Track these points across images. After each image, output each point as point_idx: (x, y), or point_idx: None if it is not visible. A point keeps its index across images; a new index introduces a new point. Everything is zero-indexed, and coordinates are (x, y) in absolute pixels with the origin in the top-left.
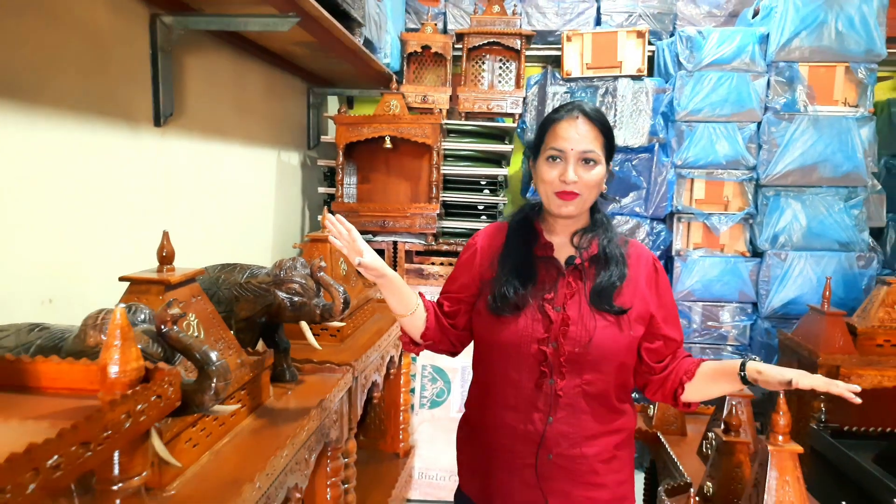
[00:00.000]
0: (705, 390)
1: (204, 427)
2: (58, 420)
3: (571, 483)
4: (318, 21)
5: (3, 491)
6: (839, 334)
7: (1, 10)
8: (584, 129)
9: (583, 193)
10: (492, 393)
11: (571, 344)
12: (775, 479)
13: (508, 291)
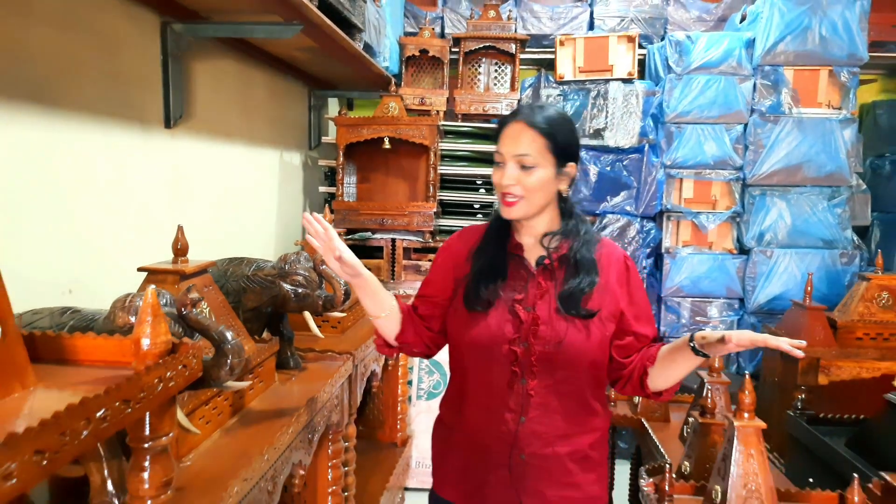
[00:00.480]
0: (668, 372)
1: (216, 406)
2: (96, 386)
3: (545, 483)
4: (320, 28)
5: (64, 434)
6: (820, 328)
7: (23, 19)
8: (521, 134)
9: (526, 196)
10: (466, 393)
11: (542, 344)
12: (741, 453)
13: (480, 287)
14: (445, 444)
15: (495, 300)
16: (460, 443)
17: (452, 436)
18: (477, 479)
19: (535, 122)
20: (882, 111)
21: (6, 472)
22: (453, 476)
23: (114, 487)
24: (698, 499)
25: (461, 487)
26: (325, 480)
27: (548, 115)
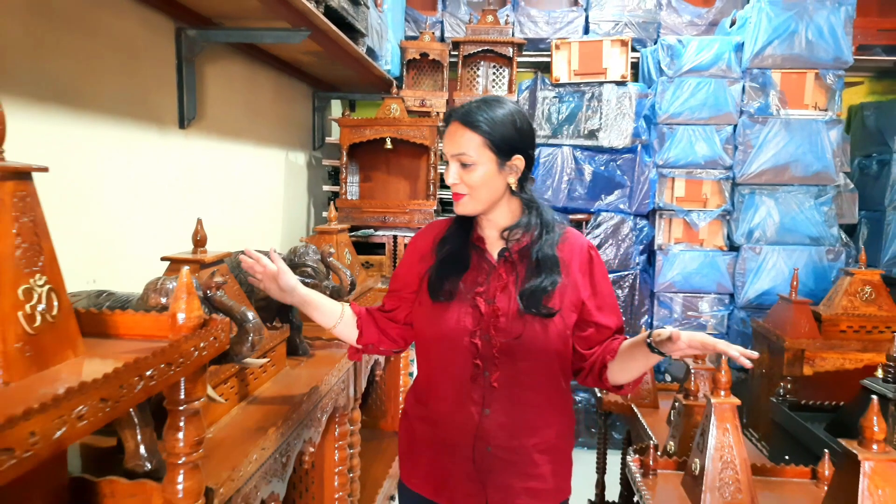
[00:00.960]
0: (627, 367)
1: (233, 385)
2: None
3: (510, 474)
4: (326, 34)
5: (122, 387)
6: (805, 321)
7: (49, 26)
8: (456, 134)
9: (470, 193)
10: (431, 386)
11: (503, 336)
12: (717, 427)
13: (442, 277)
14: (411, 437)
15: (456, 292)
16: (426, 435)
17: (418, 428)
18: (443, 471)
19: (469, 120)
20: (869, 112)
21: (79, 414)
22: (420, 468)
23: (146, 451)
24: (680, 473)
25: (428, 479)
26: (332, 461)
27: (484, 112)
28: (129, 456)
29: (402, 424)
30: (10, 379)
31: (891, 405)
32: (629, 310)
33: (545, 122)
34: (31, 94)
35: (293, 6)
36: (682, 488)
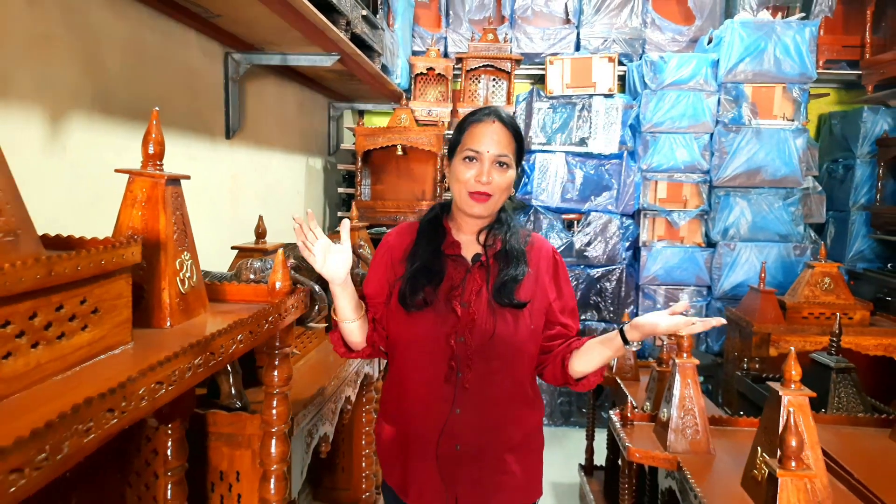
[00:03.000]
0: (591, 357)
1: (296, 346)
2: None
3: (480, 471)
4: (351, 56)
5: (237, 341)
6: (771, 308)
7: (138, 59)
8: (499, 134)
9: (494, 195)
10: (405, 388)
11: (477, 337)
12: (680, 382)
13: (417, 287)
14: (384, 436)
15: (432, 300)
16: (398, 436)
17: (391, 429)
18: (412, 469)
19: (512, 124)
20: (836, 121)
21: (226, 349)
22: (395, 468)
23: (236, 393)
24: (652, 424)
25: (401, 478)
26: (360, 422)
27: (513, 118)
28: (224, 396)
29: (378, 425)
30: (174, 323)
31: (833, 373)
32: (616, 301)
33: (540, 131)
34: (126, 114)
35: (327, 36)
36: (654, 434)
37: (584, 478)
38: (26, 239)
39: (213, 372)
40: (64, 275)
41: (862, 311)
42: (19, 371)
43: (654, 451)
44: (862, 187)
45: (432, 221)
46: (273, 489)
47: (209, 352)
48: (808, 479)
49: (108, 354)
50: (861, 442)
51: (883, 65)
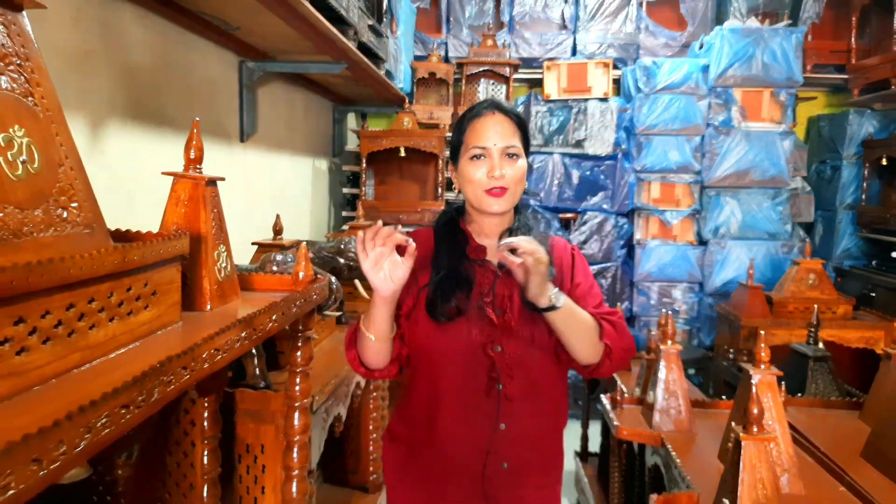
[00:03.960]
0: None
1: None
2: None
3: (524, 487)
4: (358, 64)
5: (272, 320)
6: (758, 303)
7: (165, 72)
8: (503, 125)
9: (510, 188)
10: (438, 407)
11: (515, 345)
12: (665, 367)
13: (447, 297)
14: (405, 462)
15: (464, 308)
16: (427, 458)
17: (417, 454)
18: (447, 494)
19: (514, 112)
20: (824, 124)
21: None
22: (417, 493)
23: (260, 373)
24: (639, 407)
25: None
26: (368, 408)
27: (513, 106)
28: (249, 377)
29: (391, 451)
30: (213, 307)
31: (810, 361)
32: (612, 297)
33: (538, 133)
34: (155, 120)
35: (337, 45)
36: (641, 416)
37: (579, 463)
38: (99, 232)
39: (254, 345)
40: (133, 262)
41: (845, 305)
42: (101, 340)
43: (641, 429)
44: (848, 187)
45: (448, 225)
46: (296, 458)
47: (252, 327)
48: (768, 441)
49: (163, 331)
50: (831, 422)
51: (868, 69)
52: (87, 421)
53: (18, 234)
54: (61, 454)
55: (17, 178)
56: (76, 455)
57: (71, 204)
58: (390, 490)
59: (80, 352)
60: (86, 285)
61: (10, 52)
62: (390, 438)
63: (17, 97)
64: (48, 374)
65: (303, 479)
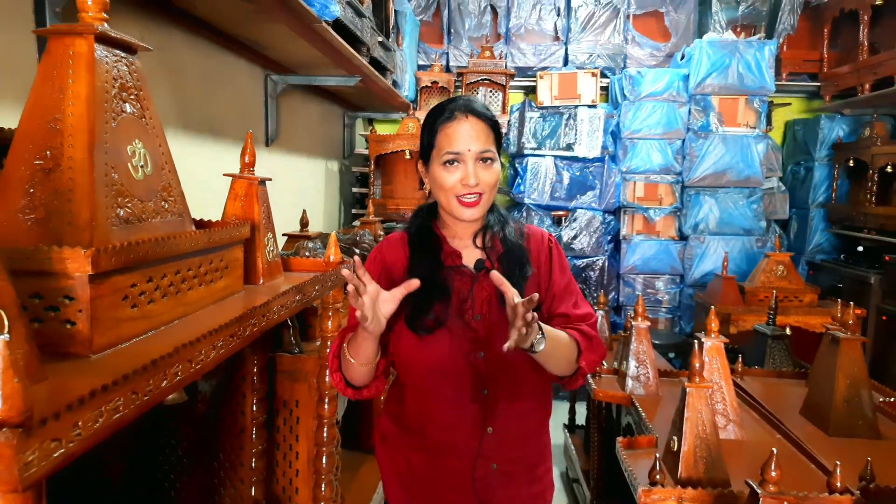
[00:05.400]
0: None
1: None
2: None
3: (515, 486)
4: (369, 77)
5: (316, 289)
6: (732, 292)
7: (208, 86)
8: (476, 129)
9: (485, 193)
10: (424, 415)
11: (497, 350)
12: (635, 340)
13: (426, 308)
14: (401, 467)
15: (444, 318)
16: (420, 464)
17: (410, 458)
18: (447, 498)
19: (485, 115)
20: (799, 128)
21: (300, 298)
22: (416, 498)
23: (294, 341)
24: (615, 377)
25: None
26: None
27: (485, 106)
28: (286, 344)
29: (385, 454)
30: (265, 281)
31: (769, 339)
32: (599, 288)
33: (532, 137)
34: (198, 128)
35: (353, 62)
36: (616, 383)
37: (567, 434)
38: (186, 219)
39: (303, 307)
40: (215, 242)
41: (811, 294)
42: (194, 299)
43: (614, 391)
44: (820, 187)
45: (421, 230)
46: (327, 408)
47: (303, 293)
48: (708, 388)
49: (231, 297)
50: (780, 388)
51: (838, 77)
52: (213, 340)
53: (140, 219)
54: (200, 359)
55: (138, 179)
56: (202, 367)
57: (169, 198)
58: (387, 488)
59: (182, 307)
60: (187, 257)
61: (131, 85)
62: (381, 439)
63: (136, 118)
64: (166, 319)
65: (332, 426)
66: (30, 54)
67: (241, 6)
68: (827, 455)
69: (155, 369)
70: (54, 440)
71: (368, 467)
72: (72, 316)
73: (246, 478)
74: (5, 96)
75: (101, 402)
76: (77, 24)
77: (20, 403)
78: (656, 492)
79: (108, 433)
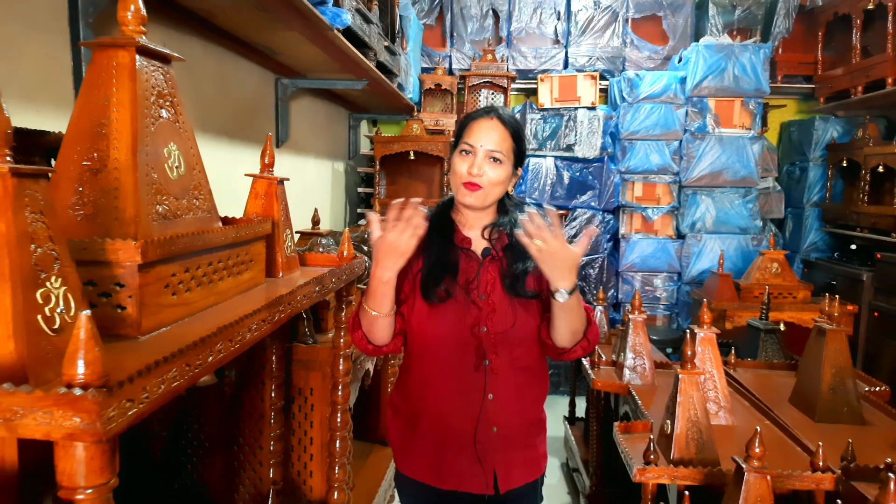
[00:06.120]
0: (555, 324)
1: None
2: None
3: (512, 450)
4: (376, 80)
5: (332, 281)
6: (727, 289)
7: (224, 90)
8: (496, 131)
9: (485, 187)
10: (429, 382)
11: (499, 326)
12: (632, 333)
13: (438, 280)
14: (408, 431)
15: (453, 291)
16: (425, 428)
17: (417, 424)
18: (447, 459)
19: (511, 123)
20: (794, 129)
21: (320, 289)
22: (422, 460)
23: (308, 332)
24: (613, 367)
25: (431, 469)
26: (387, 373)
27: (517, 122)
28: (301, 335)
29: (395, 421)
30: (284, 275)
31: (761, 333)
32: (599, 286)
33: (533, 139)
34: (215, 130)
35: (361, 67)
36: (614, 374)
37: (567, 426)
38: (214, 216)
39: (321, 298)
40: (242, 237)
41: (804, 291)
42: (223, 289)
43: (612, 381)
44: (814, 187)
45: (439, 215)
46: (340, 395)
47: (322, 284)
48: (699, 374)
49: (255, 288)
50: (771, 379)
51: (832, 79)
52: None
53: (175, 215)
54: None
55: (173, 178)
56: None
57: (199, 196)
58: (397, 455)
59: (214, 296)
60: (218, 250)
61: (167, 92)
62: (393, 410)
63: (171, 123)
64: (200, 307)
65: (345, 412)
66: (65, 63)
67: (258, 15)
68: (813, 439)
69: (203, 346)
70: (129, 401)
71: (376, 457)
72: (122, 301)
73: (265, 460)
74: (46, 102)
75: (162, 371)
76: (119, 38)
77: (100, 369)
78: (650, 470)
79: (168, 398)
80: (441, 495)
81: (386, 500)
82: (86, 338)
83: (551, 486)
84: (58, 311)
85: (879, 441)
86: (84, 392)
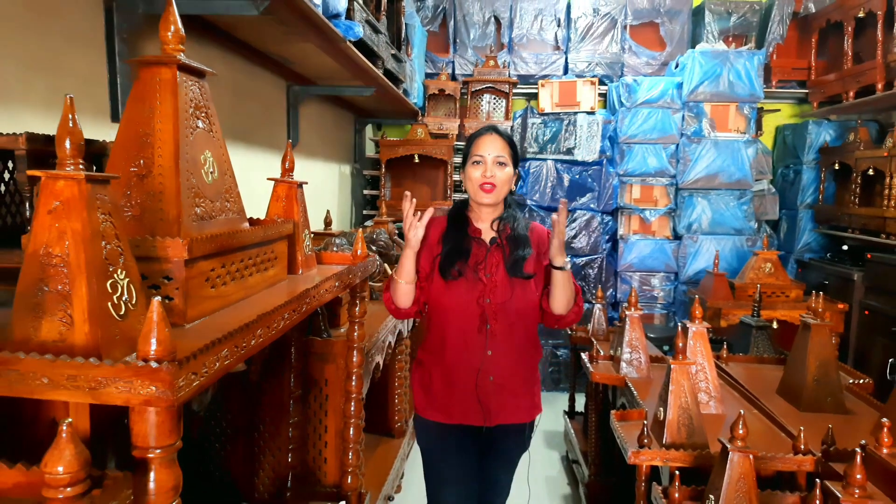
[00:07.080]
0: (553, 294)
1: None
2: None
3: (506, 396)
4: (384, 87)
5: (350, 277)
6: (722, 288)
7: (238, 97)
8: (496, 142)
9: (498, 186)
10: (444, 340)
11: (499, 298)
12: (629, 328)
13: (453, 262)
14: (426, 380)
15: (464, 271)
16: (440, 376)
17: (433, 372)
18: (454, 400)
19: (507, 136)
20: (788, 132)
21: (340, 283)
22: (435, 402)
23: (324, 327)
24: (611, 361)
25: (442, 409)
26: (395, 368)
27: (506, 131)
28: (316, 330)
29: (417, 373)
30: (303, 272)
31: (753, 329)
32: (598, 285)
33: (533, 142)
34: (232, 136)
35: (369, 74)
36: (612, 368)
37: (567, 420)
38: (243, 216)
39: (341, 292)
40: (268, 236)
41: (797, 290)
42: (252, 284)
43: (610, 374)
44: (808, 189)
45: (458, 214)
46: (354, 385)
47: (340, 280)
48: (690, 365)
49: (279, 284)
50: (761, 372)
51: (825, 84)
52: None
53: (210, 216)
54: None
55: (209, 183)
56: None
57: (230, 198)
58: (417, 402)
59: (245, 290)
60: (248, 248)
61: (202, 104)
62: (417, 364)
63: (206, 132)
64: (234, 299)
65: (359, 401)
66: (102, 76)
67: (276, 28)
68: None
69: (248, 330)
70: (193, 373)
71: (384, 448)
72: (170, 293)
73: (283, 446)
74: (85, 112)
75: (217, 350)
76: (162, 56)
77: (171, 346)
78: (644, 453)
79: (220, 374)
80: (449, 428)
81: (394, 487)
82: (158, 319)
83: (552, 477)
84: (123, 300)
85: (860, 428)
86: (160, 365)
